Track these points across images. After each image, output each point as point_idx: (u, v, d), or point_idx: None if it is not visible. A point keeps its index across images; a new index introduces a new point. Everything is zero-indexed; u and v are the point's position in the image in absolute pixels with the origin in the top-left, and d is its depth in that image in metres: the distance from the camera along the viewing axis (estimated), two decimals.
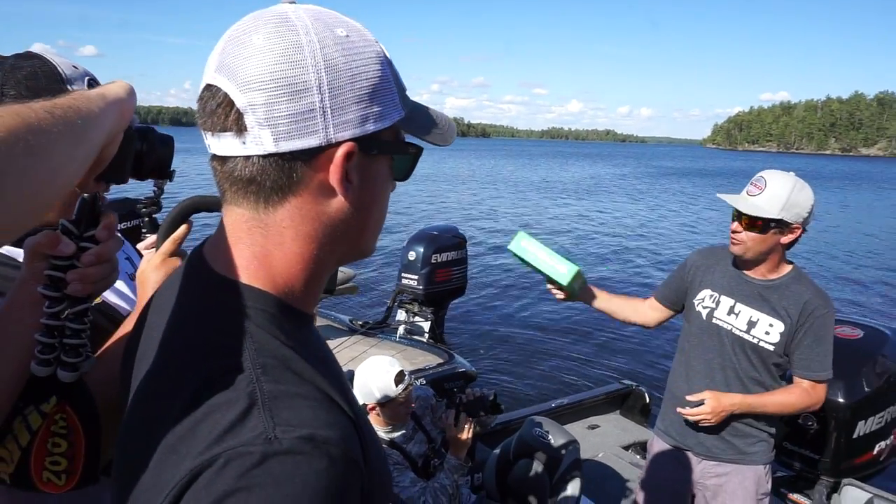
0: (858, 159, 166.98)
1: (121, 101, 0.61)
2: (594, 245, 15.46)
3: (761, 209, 1.84)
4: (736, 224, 1.91)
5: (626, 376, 5.10)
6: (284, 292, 0.60)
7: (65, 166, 0.50)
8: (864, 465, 2.61)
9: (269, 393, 0.50)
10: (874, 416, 2.55)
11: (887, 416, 2.58)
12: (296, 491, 0.46)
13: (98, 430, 0.85)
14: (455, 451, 2.22)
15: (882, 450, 2.62)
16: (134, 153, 0.74)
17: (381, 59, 0.60)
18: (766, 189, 1.86)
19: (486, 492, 2.66)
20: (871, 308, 9.83)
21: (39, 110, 0.47)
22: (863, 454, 2.59)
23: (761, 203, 1.85)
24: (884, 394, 2.56)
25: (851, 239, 17.04)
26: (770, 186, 1.86)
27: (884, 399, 2.56)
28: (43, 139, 0.46)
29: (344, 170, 0.57)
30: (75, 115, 0.51)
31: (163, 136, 0.80)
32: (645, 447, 3.64)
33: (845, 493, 2.45)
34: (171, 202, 1.10)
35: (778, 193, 1.84)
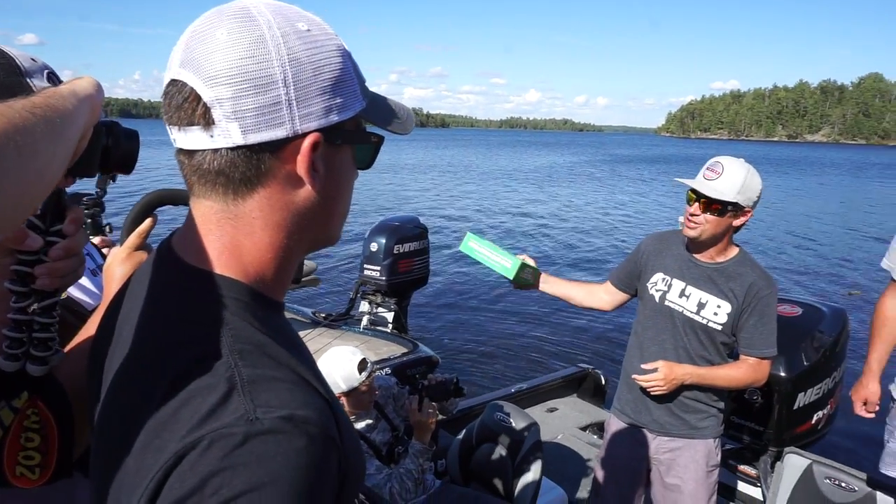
0: (804, 145, 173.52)
1: (91, 97, 0.62)
2: (553, 230, 15.72)
3: (720, 192, 1.92)
4: (695, 206, 1.98)
5: (582, 360, 5.24)
6: (256, 281, 0.61)
7: (49, 165, 0.51)
8: (804, 434, 2.78)
9: (248, 377, 0.52)
10: (812, 388, 2.71)
11: (824, 388, 2.75)
12: (278, 468, 0.48)
13: (71, 424, 0.85)
14: (419, 436, 2.25)
15: (819, 419, 2.80)
16: (101, 147, 0.75)
17: (342, 51, 0.61)
18: (723, 174, 1.93)
19: (449, 477, 2.69)
20: (810, 286, 10.34)
21: (21, 110, 0.47)
22: (803, 424, 2.76)
23: (720, 187, 1.92)
24: (821, 367, 2.72)
25: (792, 221, 17.78)
26: (727, 171, 1.93)
27: (821, 372, 2.73)
28: (28, 139, 0.47)
29: (311, 160, 0.59)
30: (54, 114, 0.52)
31: (128, 130, 0.81)
32: (602, 427, 3.75)
33: (787, 460, 2.60)
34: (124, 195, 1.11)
35: (734, 178, 1.92)
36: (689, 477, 2.13)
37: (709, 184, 1.95)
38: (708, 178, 1.96)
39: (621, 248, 13.40)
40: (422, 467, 2.23)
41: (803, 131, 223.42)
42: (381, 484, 2.15)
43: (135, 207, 1.05)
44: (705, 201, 1.95)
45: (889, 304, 2.28)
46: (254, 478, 0.47)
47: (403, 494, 2.16)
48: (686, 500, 2.14)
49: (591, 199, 23.59)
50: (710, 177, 1.96)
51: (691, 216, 2.00)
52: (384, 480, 2.16)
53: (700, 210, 1.97)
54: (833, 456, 2.65)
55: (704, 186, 1.95)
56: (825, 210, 21.64)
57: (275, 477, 0.47)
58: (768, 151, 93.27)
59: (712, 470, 2.16)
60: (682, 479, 2.14)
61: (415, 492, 2.21)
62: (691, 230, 2.02)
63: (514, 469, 2.54)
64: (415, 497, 2.22)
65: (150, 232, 1.01)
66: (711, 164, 1.99)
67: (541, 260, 12.15)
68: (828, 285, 10.54)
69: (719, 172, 1.95)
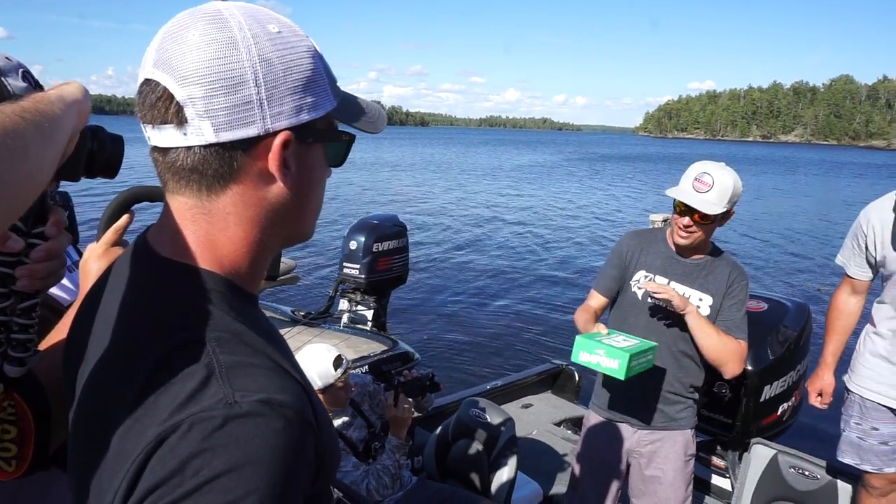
0: (777, 145, 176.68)
1: (78, 102, 0.63)
2: (530, 227, 15.87)
3: (713, 205, 1.94)
4: (687, 219, 1.99)
5: (556, 356, 5.31)
6: (231, 273, 0.63)
7: (39, 168, 0.52)
8: (770, 425, 2.86)
9: (226, 363, 0.53)
10: (778, 380, 2.80)
11: (789, 381, 2.84)
12: (256, 450, 0.49)
13: (47, 416, 0.85)
14: (395, 431, 2.25)
15: (785, 410, 2.89)
16: (87, 151, 0.75)
17: (312, 52, 0.63)
18: (714, 186, 1.94)
19: (426, 473, 2.69)
20: (775, 281, 10.63)
21: (11, 114, 0.49)
22: (769, 415, 2.84)
23: (712, 199, 1.94)
24: (786, 360, 2.81)
25: (762, 219, 18.16)
26: (717, 183, 1.95)
27: (786, 365, 2.82)
28: (19, 142, 0.48)
29: (282, 157, 0.60)
30: (43, 119, 0.53)
31: (113, 135, 0.81)
32: (576, 423, 3.81)
33: (754, 451, 2.68)
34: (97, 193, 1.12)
35: (725, 189, 1.95)
36: (669, 467, 2.18)
37: (700, 196, 1.95)
38: (699, 191, 1.96)
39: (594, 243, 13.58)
40: (398, 463, 2.24)
41: (777, 132, 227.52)
42: (357, 480, 2.16)
43: (111, 204, 1.05)
44: (701, 215, 1.97)
45: (842, 299, 2.36)
46: (233, 459, 0.48)
47: (381, 490, 2.17)
48: (666, 490, 2.19)
49: (568, 196, 23.87)
50: (700, 189, 1.96)
51: (685, 227, 2.01)
52: (361, 477, 2.17)
53: (693, 222, 1.99)
54: (798, 445, 2.74)
55: (696, 200, 1.95)
56: (795, 208, 22.17)
57: (253, 458, 0.49)
58: (745, 151, 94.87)
59: (689, 459, 2.22)
60: (662, 469, 2.19)
61: (392, 487, 2.22)
62: (684, 240, 2.04)
63: (490, 464, 2.56)
64: (392, 493, 2.24)
65: (126, 228, 1.02)
66: (699, 176, 1.98)
67: (518, 257, 12.30)
68: (795, 281, 10.85)
69: (710, 185, 1.95)
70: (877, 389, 2.18)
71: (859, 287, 2.31)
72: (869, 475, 2.24)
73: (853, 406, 2.26)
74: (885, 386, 2.16)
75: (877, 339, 2.21)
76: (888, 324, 2.16)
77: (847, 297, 2.36)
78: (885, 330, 2.17)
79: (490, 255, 12.58)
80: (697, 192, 1.97)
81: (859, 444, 2.23)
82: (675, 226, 2.06)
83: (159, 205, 1.12)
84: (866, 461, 2.22)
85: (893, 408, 2.15)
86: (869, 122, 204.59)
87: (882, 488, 2.23)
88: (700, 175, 1.99)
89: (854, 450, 2.25)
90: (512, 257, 12.40)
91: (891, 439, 2.17)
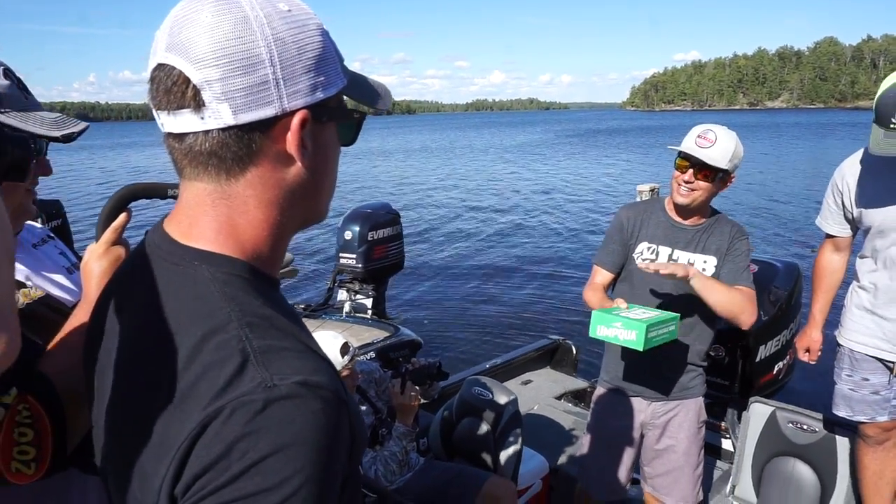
0: (764, 112, 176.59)
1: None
2: (525, 206, 15.91)
3: (715, 160, 1.95)
4: (689, 174, 1.99)
5: (553, 331, 5.35)
6: (253, 258, 0.62)
7: None
8: (767, 384, 2.93)
9: (259, 348, 0.54)
10: (772, 340, 2.85)
11: (782, 339, 2.90)
12: (299, 430, 0.50)
13: (63, 416, 0.86)
14: (402, 418, 2.26)
15: (780, 369, 2.95)
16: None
17: (322, 30, 0.62)
18: (717, 142, 1.95)
19: (432, 454, 2.70)
20: (765, 243, 10.67)
21: None
22: (765, 375, 2.91)
23: (714, 154, 1.95)
24: (778, 320, 2.86)
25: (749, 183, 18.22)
26: (720, 139, 1.96)
27: (779, 324, 2.87)
28: None
29: (300, 137, 0.60)
30: None
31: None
32: (577, 396, 3.85)
33: (753, 409, 2.74)
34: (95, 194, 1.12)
35: (727, 146, 1.96)
36: (683, 436, 2.20)
37: (704, 151, 1.96)
38: (701, 146, 1.97)
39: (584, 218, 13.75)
40: (405, 449, 2.25)
41: (763, 98, 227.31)
42: (366, 467, 2.17)
43: (108, 203, 1.05)
44: (699, 168, 1.98)
45: (826, 257, 2.40)
46: (278, 440, 0.49)
47: (388, 476, 2.19)
48: (680, 458, 2.21)
49: (556, 173, 24.01)
50: (703, 144, 1.97)
51: (686, 183, 2.01)
52: (369, 463, 2.19)
53: (693, 177, 1.99)
54: (795, 401, 2.80)
55: (700, 153, 1.96)
56: (782, 171, 22.27)
57: (297, 439, 0.50)
58: (732, 119, 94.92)
59: (701, 426, 2.24)
60: (676, 438, 2.20)
61: (399, 473, 2.24)
62: (684, 197, 2.03)
63: (496, 440, 2.57)
64: (400, 478, 2.26)
65: (125, 226, 1.02)
66: (703, 133, 2.00)
67: (509, 236, 12.37)
68: (784, 242, 10.98)
69: (713, 140, 1.97)
70: (864, 341, 2.23)
71: (841, 244, 2.35)
72: (863, 425, 2.30)
73: (844, 359, 2.32)
74: (871, 337, 2.21)
75: (861, 292, 2.25)
76: (870, 276, 2.21)
77: (830, 255, 2.40)
78: (867, 283, 2.22)
79: (482, 235, 12.65)
80: (700, 147, 1.97)
81: (851, 395, 2.29)
82: (676, 183, 2.05)
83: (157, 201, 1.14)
84: (859, 412, 2.28)
85: (881, 357, 2.20)
86: (854, 82, 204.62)
87: (876, 437, 2.30)
88: (704, 132, 2.00)
89: (846, 402, 2.31)
90: (503, 237, 12.48)
91: (881, 388, 2.23)
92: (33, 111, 0.98)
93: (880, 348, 2.19)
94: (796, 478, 2.60)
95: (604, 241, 2.26)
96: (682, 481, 2.23)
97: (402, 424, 2.27)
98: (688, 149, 1.99)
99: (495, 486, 2.35)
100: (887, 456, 2.31)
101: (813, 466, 2.58)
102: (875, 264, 2.19)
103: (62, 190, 17.47)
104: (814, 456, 2.58)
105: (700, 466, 2.28)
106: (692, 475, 2.25)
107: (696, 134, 2.02)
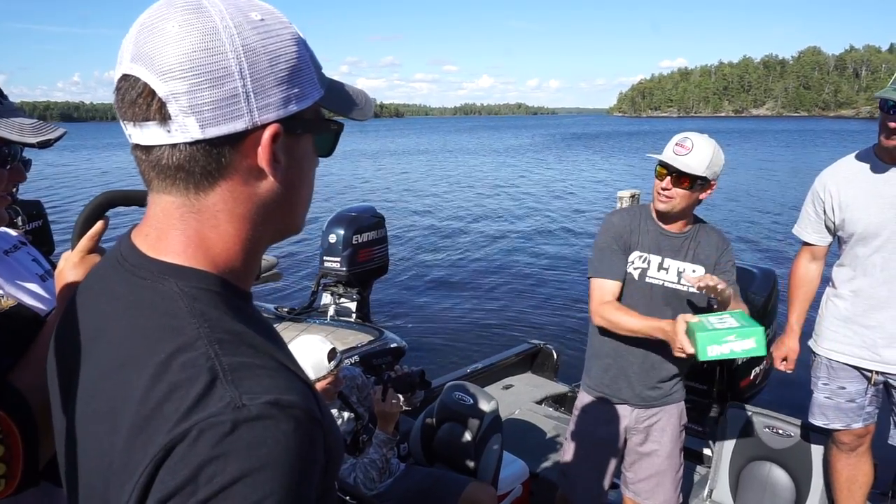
0: (749, 119, 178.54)
1: None
2: (509, 210, 16.00)
3: (691, 167, 1.98)
4: (666, 182, 2.02)
5: (534, 336, 5.36)
6: (225, 272, 0.60)
7: None
8: (744, 389, 2.96)
9: (229, 365, 0.51)
10: None
11: None
12: (269, 452, 0.48)
13: (35, 433, 0.84)
14: (383, 426, 2.25)
15: (757, 374, 2.99)
16: None
17: (297, 40, 0.60)
18: (693, 149, 1.98)
19: (413, 459, 2.69)
20: (743, 248, 10.81)
21: None
22: (743, 380, 2.95)
23: (690, 162, 1.98)
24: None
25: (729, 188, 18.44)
26: (696, 147, 1.99)
27: None
28: None
29: (271, 151, 0.58)
30: None
31: None
32: (557, 400, 3.86)
33: (730, 415, 2.78)
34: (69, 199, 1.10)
35: (704, 153, 1.99)
36: (667, 440, 2.22)
37: (680, 159, 1.99)
38: (678, 154, 2.01)
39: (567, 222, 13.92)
40: (385, 457, 2.24)
41: (748, 106, 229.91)
42: (345, 474, 2.16)
43: (85, 210, 1.02)
44: (676, 176, 2.01)
45: (803, 266, 2.44)
46: (247, 464, 0.47)
47: (367, 483, 2.18)
48: (663, 462, 2.23)
49: (539, 178, 24.27)
50: (680, 152, 2.01)
51: (663, 190, 2.04)
52: (348, 470, 2.18)
53: (671, 185, 2.02)
54: (771, 406, 2.84)
55: (676, 161, 1.99)
56: (763, 177, 22.62)
57: (267, 461, 0.48)
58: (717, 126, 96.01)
59: (683, 430, 2.28)
60: (660, 443, 2.22)
61: (379, 480, 2.23)
62: (662, 204, 2.06)
63: (476, 445, 2.58)
64: (379, 485, 2.25)
65: (101, 235, 1.00)
66: (680, 140, 2.03)
67: (493, 240, 12.43)
68: (761, 248, 11.12)
69: (689, 148, 2.00)
70: (841, 350, 2.26)
71: (818, 253, 2.39)
72: (838, 432, 2.34)
73: (820, 368, 2.35)
74: (849, 346, 2.24)
75: (838, 301, 2.28)
76: (848, 285, 2.24)
77: (807, 263, 2.43)
78: (845, 291, 2.25)
79: (466, 239, 12.72)
80: (676, 155, 2.01)
81: (827, 403, 2.32)
82: (655, 192, 2.08)
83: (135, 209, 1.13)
84: (835, 420, 2.31)
85: (858, 366, 2.23)
86: (837, 91, 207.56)
87: (851, 443, 2.33)
88: (681, 140, 2.04)
89: (822, 411, 2.34)
90: (487, 240, 12.56)
91: (857, 396, 2.26)
92: (9, 117, 0.97)
93: (859, 356, 2.22)
94: (772, 482, 2.64)
95: (600, 252, 2.17)
96: (664, 485, 2.26)
97: (383, 432, 2.25)
98: (665, 157, 2.02)
99: (476, 492, 2.36)
100: (860, 461, 2.35)
101: (788, 471, 2.62)
102: (854, 272, 2.22)
103: (43, 191, 17.28)
104: (789, 460, 2.62)
105: (681, 470, 2.30)
106: (674, 479, 2.27)
107: (675, 142, 2.05)
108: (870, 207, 2.13)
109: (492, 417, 2.61)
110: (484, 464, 2.56)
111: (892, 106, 1.98)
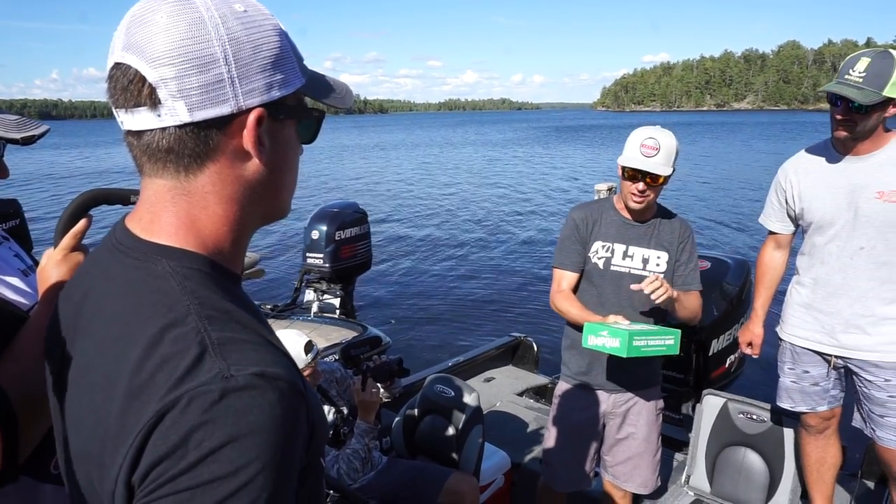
0: (731, 113, 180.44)
1: None
2: (489, 204, 16.04)
3: (663, 167, 2.03)
4: (641, 185, 2.05)
5: (515, 328, 5.40)
6: (214, 252, 0.64)
7: None
8: (719, 377, 3.04)
9: (218, 340, 0.55)
10: (724, 334, 2.97)
11: (734, 333, 3.01)
12: (255, 420, 0.51)
13: (15, 427, 0.84)
14: (363, 415, 2.26)
15: (732, 362, 3.07)
16: None
17: (279, 31, 0.64)
18: (661, 149, 2.03)
19: (395, 452, 2.71)
20: (716, 240, 11.01)
21: None
22: (718, 368, 3.02)
23: (662, 161, 2.04)
24: (730, 315, 2.98)
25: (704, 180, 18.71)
26: (663, 147, 2.04)
27: (730, 319, 2.99)
28: None
29: (256, 134, 0.62)
30: None
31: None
32: (538, 392, 3.90)
33: (706, 401, 2.84)
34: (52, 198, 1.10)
35: (669, 151, 2.05)
36: (643, 423, 2.29)
37: (650, 161, 2.03)
38: (647, 156, 2.04)
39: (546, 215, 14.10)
40: (367, 447, 2.25)
41: (730, 100, 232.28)
42: (328, 465, 2.17)
43: (68, 208, 1.03)
44: (651, 178, 2.05)
45: (768, 254, 2.50)
46: (234, 430, 0.50)
47: (351, 474, 2.20)
48: (640, 445, 2.29)
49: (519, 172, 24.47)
50: (648, 154, 2.03)
51: (640, 192, 2.08)
52: (331, 462, 2.19)
53: (646, 186, 2.06)
54: (746, 393, 2.91)
55: (648, 165, 2.03)
56: (738, 169, 22.95)
57: (253, 428, 0.51)
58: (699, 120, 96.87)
59: (659, 413, 2.34)
60: (636, 426, 2.29)
61: (362, 471, 2.24)
62: (638, 204, 2.11)
63: (458, 437, 2.60)
64: (362, 475, 2.26)
65: (84, 233, 1.00)
66: (645, 141, 2.05)
67: (474, 234, 12.49)
68: (735, 238, 11.31)
69: (657, 149, 2.04)
70: (804, 335, 2.33)
71: (783, 241, 2.46)
72: (805, 415, 2.41)
73: (786, 353, 2.42)
74: (810, 332, 2.31)
75: (800, 288, 2.35)
76: (808, 273, 2.31)
77: (772, 251, 2.50)
78: (806, 279, 2.32)
79: (448, 234, 12.78)
80: (646, 157, 2.04)
81: (793, 387, 2.40)
82: (628, 192, 2.11)
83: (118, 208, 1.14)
84: (801, 402, 2.39)
85: (820, 351, 2.30)
86: (816, 85, 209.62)
87: (817, 426, 2.41)
88: (645, 140, 2.06)
89: (789, 394, 2.41)
90: (468, 235, 12.64)
91: (821, 380, 2.34)
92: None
93: (819, 342, 2.29)
94: (747, 466, 2.71)
95: (560, 244, 2.29)
96: (641, 467, 2.32)
97: (364, 421, 2.27)
98: (637, 163, 2.05)
99: (458, 483, 2.38)
100: (827, 443, 2.43)
101: (762, 455, 2.69)
102: (812, 260, 2.29)
103: (21, 190, 17.01)
104: (762, 445, 2.69)
105: (658, 453, 2.36)
106: (651, 461, 2.33)
107: (639, 143, 2.07)
108: (825, 197, 2.20)
109: (473, 409, 2.62)
110: (466, 455, 2.58)
111: (837, 98, 2.04)
